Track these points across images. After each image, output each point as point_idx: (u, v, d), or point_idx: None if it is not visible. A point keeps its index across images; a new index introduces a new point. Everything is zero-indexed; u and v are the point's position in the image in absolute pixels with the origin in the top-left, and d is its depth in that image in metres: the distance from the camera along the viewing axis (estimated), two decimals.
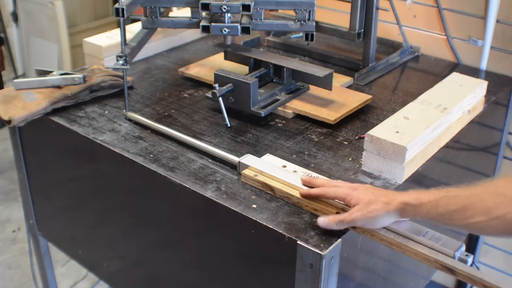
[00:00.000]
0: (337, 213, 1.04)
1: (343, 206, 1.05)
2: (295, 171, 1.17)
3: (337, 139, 1.34)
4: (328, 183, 1.08)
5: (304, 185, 1.10)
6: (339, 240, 1.01)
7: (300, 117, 1.43)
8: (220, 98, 1.36)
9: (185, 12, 1.84)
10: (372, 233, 1.00)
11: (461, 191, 0.90)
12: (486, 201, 0.85)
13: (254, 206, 1.10)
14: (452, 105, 1.33)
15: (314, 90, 1.49)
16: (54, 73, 1.50)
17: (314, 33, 1.46)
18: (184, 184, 1.17)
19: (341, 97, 1.48)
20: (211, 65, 1.66)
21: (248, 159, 1.20)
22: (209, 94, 1.39)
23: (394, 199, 0.95)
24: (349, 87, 1.60)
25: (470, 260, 0.93)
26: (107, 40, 1.68)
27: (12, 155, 1.70)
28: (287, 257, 1.03)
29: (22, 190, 1.65)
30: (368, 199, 0.97)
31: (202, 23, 1.40)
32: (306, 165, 1.22)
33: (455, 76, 1.49)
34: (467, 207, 0.87)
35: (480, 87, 1.44)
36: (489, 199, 0.85)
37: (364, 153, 1.22)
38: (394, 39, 1.86)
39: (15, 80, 1.48)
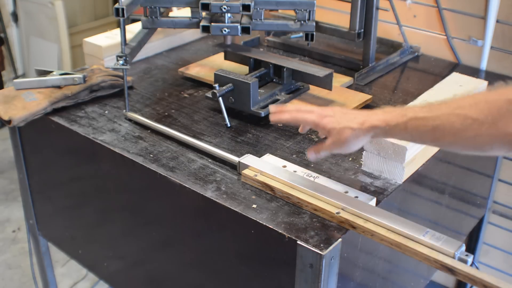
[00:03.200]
0: (337, 213, 1.04)
1: (344, 206, 1.05)
2: (295, 171, 1.17)
3: None
4: (299, 108, 1.09)
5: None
6: (339, 240, 1.01)
7: None
8: (220, 98, 1.36)
9: (185, 12, 1.84)
10: (372, 233, 1.00)
11: (428, 112, 0.90)
12: (454, 124, 0.86)
13: (254, 206, 1.10)
14: None
15: (314, 90, 1.49)
16: (54, 73, 1.50)
17: (314, 33, 1.46)
18: (184, 184, 1.17)
19: (341, 97, 1.47)
20: (211, 65, 1.66)
21: (248, 159, 1.20)
22: (209, 94, 1.39)
23: (364, 123, 0.97)
24: (349, 87, 1.60)
25: (470, 260, 0.92)
26: (107, 40, 1.68)
27: (12, 155, 1.70)
28: (287, 257, 1.03)
29: (22, 190, 1.65)
30: (338, 127, 1.00)
31: (202, 23, 1.40)
32: (306, 165, 1.22)
33: (455, 76, 1.49)
34: (436, 129, 0.89)
35: (480, 87, 1.44)
36: (457, 122, 0.86)
37: (364, 153, 1.22)
38: (394, 39, 1.86)
39: (15, 80, 1.48)
